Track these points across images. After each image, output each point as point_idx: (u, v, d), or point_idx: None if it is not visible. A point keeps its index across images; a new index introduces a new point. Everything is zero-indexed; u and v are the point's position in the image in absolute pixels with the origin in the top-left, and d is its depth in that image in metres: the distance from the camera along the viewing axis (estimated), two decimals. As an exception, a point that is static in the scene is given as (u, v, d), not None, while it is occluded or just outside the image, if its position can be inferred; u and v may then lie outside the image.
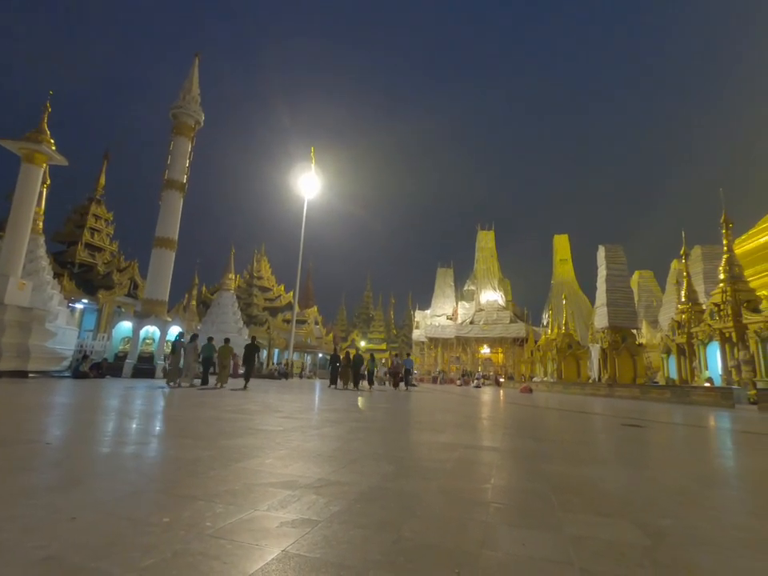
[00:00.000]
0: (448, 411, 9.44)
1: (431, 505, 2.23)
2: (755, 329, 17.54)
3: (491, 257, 60.75)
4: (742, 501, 2.79)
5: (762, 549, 1.82)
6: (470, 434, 5.36)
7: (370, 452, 3.75)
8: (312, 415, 6.76)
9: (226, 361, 13.75)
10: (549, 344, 36.83)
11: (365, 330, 78.93)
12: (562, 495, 2.53)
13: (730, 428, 8.26)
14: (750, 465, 4.40)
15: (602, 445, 5.37)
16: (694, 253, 31.26)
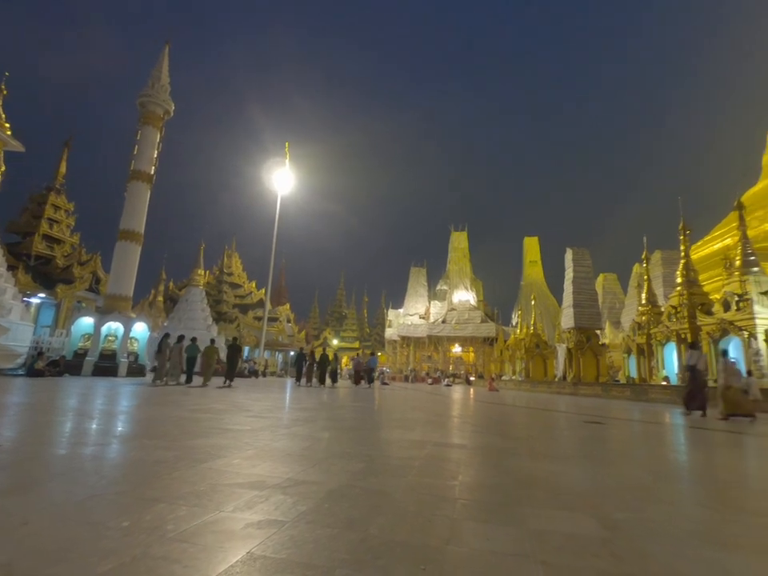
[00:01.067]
0: (418, 409, 9.53)
1: (399, 502, 2.25)
2: (708, 330, 18.55)
3: (464, 257, 61.67)
4: (692, 493, 2.95)
5: (709, 538, 1.93)
6: (439, 432, 5.44)
7: (340, 450, 3.74)
8: (282, 414, 6.67)
9: (211, 360, 14.24)
10: (518, 343, 37.75)
11: (338, 328, 78.60)
12: (526, 490, 2.60)
13: (683, 424, 8.72)
14: (700, 459, 4.66)
15: (565, 441, 5.56)
16: (655, 257, 32.74)
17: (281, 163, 33.36)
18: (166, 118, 20.40)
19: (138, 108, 19.84)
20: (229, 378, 14.49)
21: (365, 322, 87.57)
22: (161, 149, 20.13)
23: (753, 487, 3.33)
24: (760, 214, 38.91)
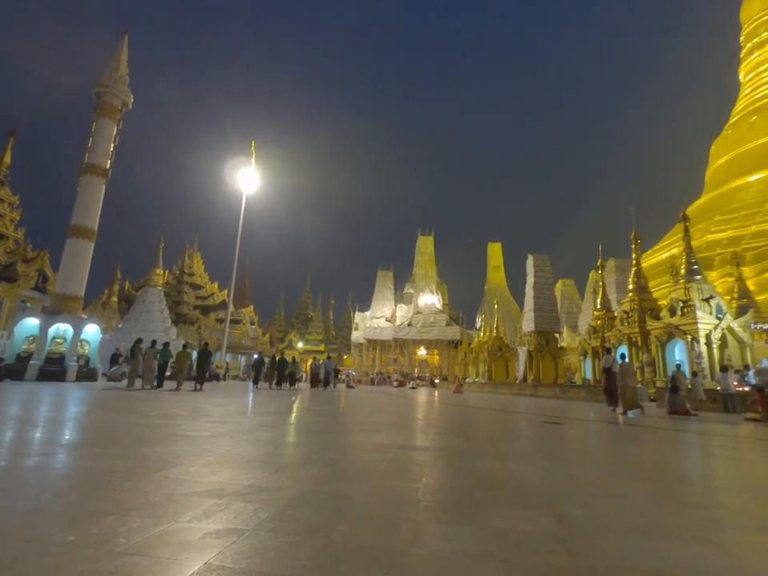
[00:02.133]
0: (384, 412, 9.54)
1: (363, 506, 2.24)
2: (656, 334, 19.70)
3: (430, 261, 62.48)
4: (642, 489, 3.11)
5: (657, 531, 2.04)
6: (404, 434, 5.47)
7: (304, 455, 3.69)
8: (243, 419, 6.50)
9: (184, 365, 14.77)
10: (481, 346, 38.61)
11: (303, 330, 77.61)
12: (487, 491, 2.66)
13: (635, 423, 9.19)
14: (649, 456, 4.93)
15: (525, 441, 5.73)
16: (609, 265, 34.45)
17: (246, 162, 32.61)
18: (124, 110, 19.48)
19: (94, 99, 18.84)
20: (199, 382, 14.80)
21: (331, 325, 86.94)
22: (118, 142, 19.20)
23: (693, 481, 3.55)
24: (703, 226, 41.81)
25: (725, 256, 34.77)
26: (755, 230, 37.36)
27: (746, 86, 53.91)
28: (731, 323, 18.42)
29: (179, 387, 13.80)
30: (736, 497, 2.94)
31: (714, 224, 41.70)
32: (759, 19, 54.36)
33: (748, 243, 36.24)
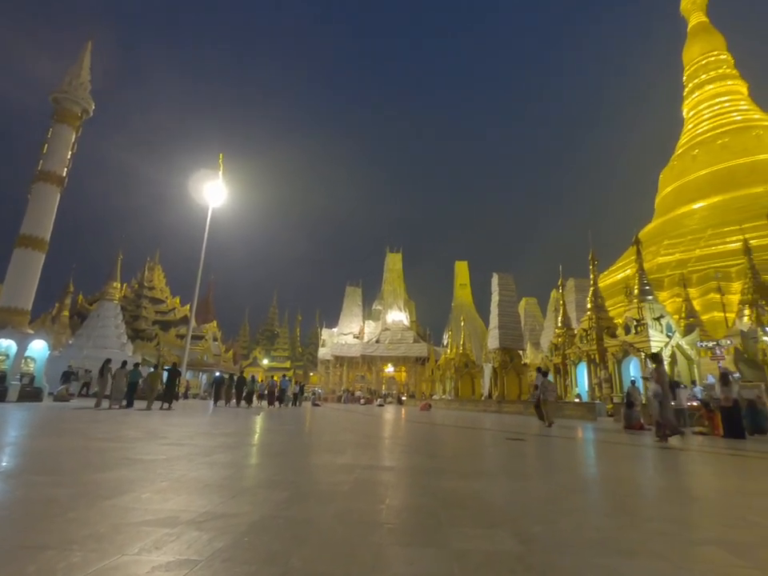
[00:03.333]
0: (349, 431, 9.40)
1: (324, 531, 2.19)
2: (613, 351, 20.58)
3: (398, 278, 62.99)
4: (599, 504, 3.20)
5: (612, 546, 2.10)
6: (369, 454, 5.40)
7: (265, 478, 3.57)
8: (202, 441, 6.22)
9: (154, 385, 15.15)
10: (448, 363, 38.98)
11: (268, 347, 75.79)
12: (450, 510, 2.66)
13: (592, 438, 9.50)
14: (606, 470, 5.09)
15: (489, 458, 5.79)
16: (569, 284, 35.88)
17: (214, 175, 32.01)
18: (84, 118, 18.80)
19: (52, 104, 18.10)
20: (167, 401, 15.29)
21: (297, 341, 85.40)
22: (76, 150, 18.44)
23: (646, 495, 3.69)
24: (653, 249, 44.49)
25: (673, 278, 37.05)
26: (699, 254, 40.12)
27: (689, 121, 58.62)
28: (680, 341, 19.52)
29: (150, 407, 14.06)
30: (683, 509, 3.08)
31: (664, 247, 44.48)
32: (698, 63, 59.62)
33: (693, 266, 38.82)
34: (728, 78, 57.06)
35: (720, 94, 56.22)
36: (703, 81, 58.17)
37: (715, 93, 56.57)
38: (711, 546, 2.18)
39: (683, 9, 66.47)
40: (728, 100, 55.46)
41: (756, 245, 26.35)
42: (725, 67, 57.81)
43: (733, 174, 47.53)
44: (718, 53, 58.73)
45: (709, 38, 60.35)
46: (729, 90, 56.25)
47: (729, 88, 56.38)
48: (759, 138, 49.36)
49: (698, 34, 61.72)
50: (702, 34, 61.21)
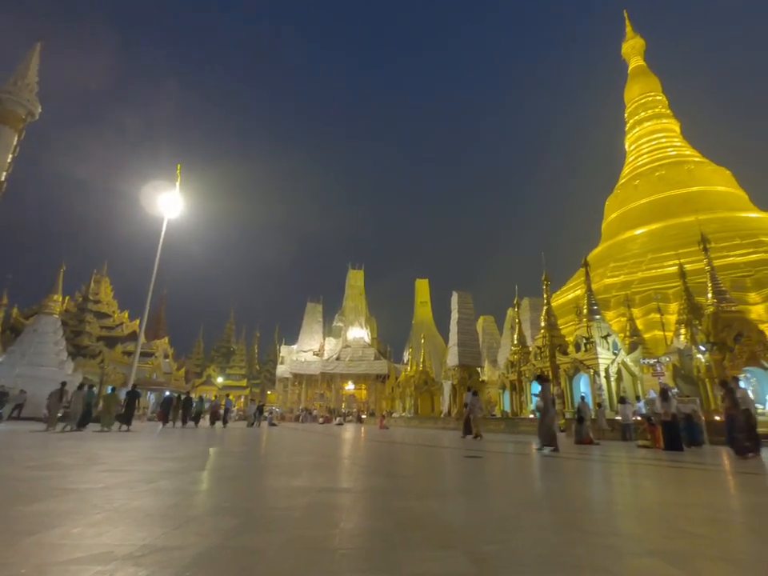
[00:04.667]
0: (306, 452, 9.14)
1: (274, 560, 2.09)
2: (564, 368, 21.44)
3: (360, 295, 62.92)
4: (549, 519, 3.27)
5: (560, 561, 2.15)
6: (326, 476, 5.27)
7: (214, 505, 3.39)
8: (146, 466, 5.83)
9: (112, 407, 15.26)
10: (408, 381, 39.05)
11: (224, 364, 72.91)
12: (405, 532, 2.63)
13: (547, 454, 9.76)
14: (557, 486, 5.24)
15: (446, 477, 5.80)
16: (524, 303, 37.27)
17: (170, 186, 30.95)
18: (29, 120, 17.74)
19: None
20: (126, 422, 15.63)
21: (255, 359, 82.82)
22: (18, 153, 17.30)
23: (594, 509, 3.82)
24: (601, 271, 47.23)
25: (619, 298, 39.37)
26: (641, 277, 43.00)
27: (631, 154, 63.55)
28: (625, 358, 20.66)
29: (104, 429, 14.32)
30: (628, 522, 3.22)
31: (610, 270, 47.33)
32: (638, 102, 65.18)
33: (636, 288, 41.49)
34: (663, 117, 62.66)
35: (657, 131, 61.52)
36: (642, 118, 63.52)
37: (653, 129, 61.84)
38: (652, 557, 2.28)
39: (624, 53, 72.87)
40: (664, 136, 60.75)
41: (690, 269, 28.57)
42: (660, 107, 63.50)
43: (668, 204, 51.72)
44: (654, 93, 64.49)
45: (646, 79, 66.24)
46: (664, 128, 61.68)
47: (664, 126, 61.84)
48: (691, 173, 54.21)
49: (637, 76, 67.66)
50: (640, 76, 67.13)
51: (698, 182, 52.94)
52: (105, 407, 15.37)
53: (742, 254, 39.59)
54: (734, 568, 2.13)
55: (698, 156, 57.77)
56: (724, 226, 44.40)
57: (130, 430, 14.97)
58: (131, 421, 16.15)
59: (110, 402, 15.41)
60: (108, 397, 15.90)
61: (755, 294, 35.34)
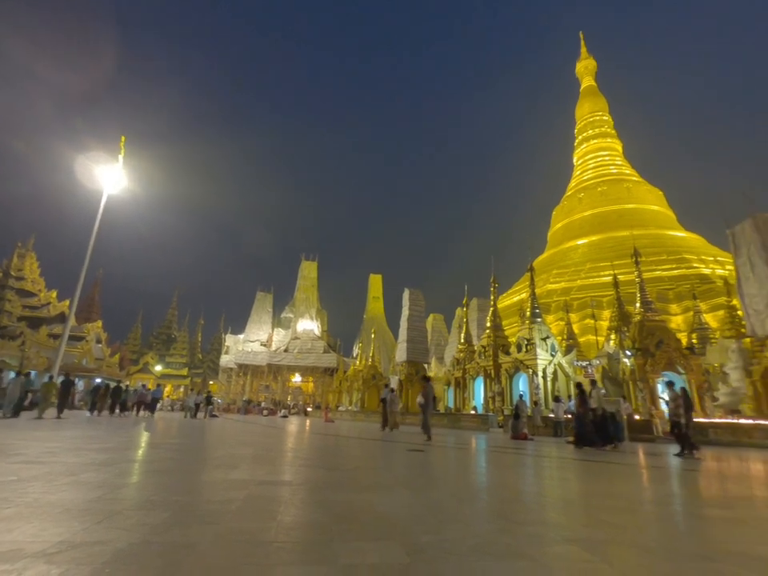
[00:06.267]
0: (247, 444, 8.91)
1: (205, 555, 2.03)
2: (506, 367, 22.45)
3: (312, 287, 62.10)
4: (482, 511, 3.42)
5: (489, 550, 2.26)
6: (266, 469, 5.17)
7: (142, 499, 3.21)
8: (68, 458, 5.42)
9: (49, 395, 15.57)
10: (356, 374, 39.15)
11: (164, 352, 69.27)
12: (342, 524, 2.64)
13: (484, 448, 10.19)
14: (492, 478, 5.49)
15: (388, 470, 5.89)
16: (473, 303, 38.50)
17: (112, 159, 28.68)
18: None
19: None
20: (59, 410, 15.87)
21: (198, 347, 79.44)
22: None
23: (523, 500, 4.04)
24: (544, 277, 49.81)
25: (559, 303, 41.79)
26: (580, 284, 45.88)
27: (578, 168, 67.41)
28: (561, 360, 21.98)
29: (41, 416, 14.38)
30: (552, 512, 3.43)
31: (553, 276, 50.07)
32: (587, 120, 69.18)
33: (575, 294, 44.22)
34: (608, 136, 67.05)
35: (602, 149, 65.71)
36: (590, 135, 67.59)
37: (598, 147, 65.99)
38: (571, 544, 2.45)
39: (578, 71, 77.12)
40: (608, 154, 65.03)
41: (623, 279, 30.90)
42: (606, 127, 67.88)
43: (608, 218, 55.54)
44: (602, 113, 68.81)
45: (596, 99, 70.52)
46: (609, 146, 66.03)
47: (609, 144, 66.19)
48: (629, 191, 58.48)
49: (587, 95, 71.84)
50: (590, 96, 71.35)
51: (634, 200, 57.23)
52: (43, 395, 15.55)
53: (667, 268, 43.37)
54: (642, 553, 2.34)
55: (635, 176, 62.40)
56: (654, 242, 48.38)
57: (61, 418, 14.86)
58: (64, 409, 16.37)
59: (48, 389, 15.57)
60: (47, 385, 15.87)
61: (676, 305, 38.89)
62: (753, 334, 18.30)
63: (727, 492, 5.11)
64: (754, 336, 18.30)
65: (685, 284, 39.67)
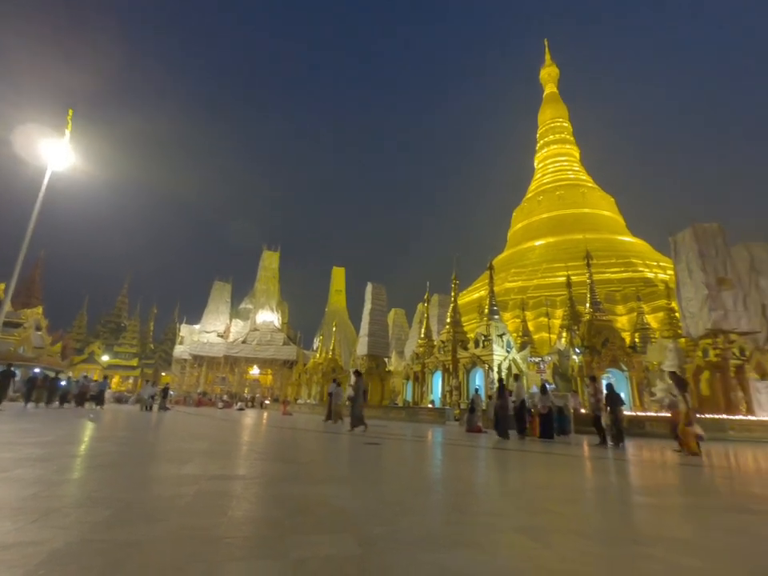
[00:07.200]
0: (201, 438, 8.65)
1: (150, 553, 1.95)
2: (464, 362, 23.03)
3: (273, 278, 60.84)
4: (434, 503, 3.51)
5: (441, 541, 2.32)
6: (219, 463, 5.04)
7: (83, 496, 3.05)
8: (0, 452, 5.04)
9: None
10: (316, 367, 38.87)
11: (112, 341, 65.66)
12: (296, 518, 2.63)
13: (441, 441, 10.44)
14: (445, 471, 5.63)
15: (343, 463, 5.91)
16: (434, 299, 39.14)
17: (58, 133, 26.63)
18: None
19: None
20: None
21: (150, 337, 75.86)
22: None
23: (475, 491, 4.19)
24: (503, 275, 51.37)
25: (516, 301, 43.27)
26: (536, 284, 47.71)
27: (538, 171, 69.81)
28: (516, 356, 22.82)
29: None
30: (501, 502, 3.58)
31: (511, 275, 51.74)
32: (548, 125, 71.68)
33: (531, 293, 45.95)
34: (567, 143, 69.83)
35: (561, 154, 68.36)
36: (550, 140, 70.13)
37: (558, 152, 68.59)
38: (516, 532, 2.57)
39: (541, 78, 79.65)
40: (566, 160, 67.75)
41: (575, 280, 32.44)
42: (566, 133, 70.65)
43: (564, 221, 58.00)
44: (562, 120, 71.50)
45: (557, 106, 73.15)
46: (567, 152, 68.79)
47: (567, 150, 68.96)
48: (584, 196, 61.29)
49: (550, 102, 74.39)
50: (552, 102, 73.93)
51: (588, 205, 60.07)
52: None
53: (615, 271, 45.92)
54: (580, 539, 2.49)
55: (590, 182, 65.47)
56: (605, 245, 51.05)
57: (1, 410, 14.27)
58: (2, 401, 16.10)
59: None
60: None
61: (622, 306, 41.30)
62: (688, 334, 19.80)
63: (655, 480, 5.52)
64: (689, 336, 19.81)
65: (631, 287, 42.19)
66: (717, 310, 18.16)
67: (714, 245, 19.42)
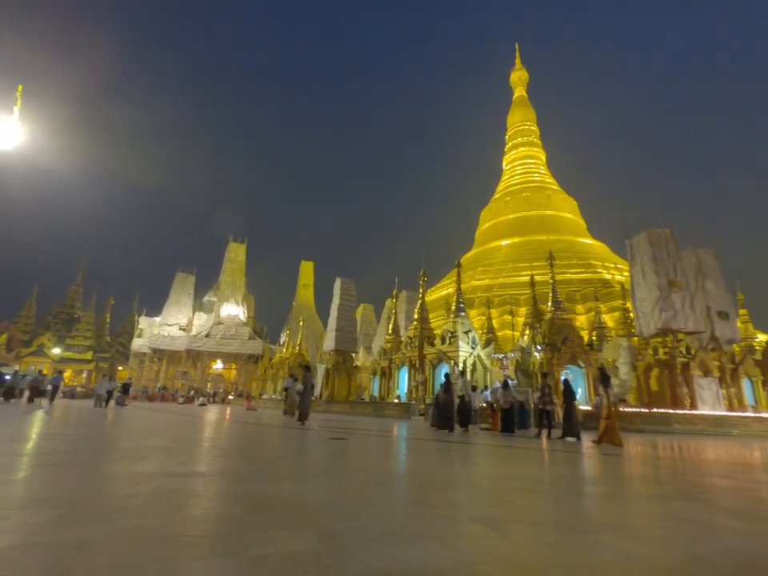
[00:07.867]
0: (159, 434, 8.36)
1: (100, 554, 1.88)
2: (430, 358, 23.35)
3: (239, 270, 59.37)
4: (396, 497, 3.56)
5: (401, 534, 2.35)
6: (178, 460, 4.89)
7: (27, 496, 2.89)
8: (-65, 452, 4.69)
9: None
10: (282, 362, 38.34)
11: (64, 333, 62.19)
12: (256, 515, 2.60)
13: (406, 436, 10.57)
14: (408, 465, 5.71)
15: (308, 459, 5.88)
16: (402, 295, 39.37)
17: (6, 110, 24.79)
18: None
19: None
20: None
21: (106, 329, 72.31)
22: None
23: (436, 484, 4.27)
24: (470, 273, 52.34)
25: (482, 299, 44.21)
26: (501, 282, 48.95)
27: (506, 173, 71.42)
28: (480, 352, 23.36)
29: None
30: (461, 494, 3.67)
31: (478, 273, 52.81)
32: (517, 128, 73.40)
33: (496, 291, 47.10)
34: (534, 146, 71.81)
35: (528, 157, 70.22)
36: (518, 143, 71.88)
37: (525, 155, 70.42)
38: (475, 523, 2.64)
39: (512, 81, 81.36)
40: (534, 163, 69.68)
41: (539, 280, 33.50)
42: (533, 137, 72.61)
43: (529, 222, 59.73)
44: (530, 124, 73.40)
45: (526, 110, 75.00)
46: (535, 155, 70.74)
47: (535, 153, 70.91)
48: (549, 198, 63.31)
49: (519, 105, 76.18)
50: (521, 106, 75.74)
51: (552, 207, 62.11)
52: None
53: (576, 272, 47.78)
54: (535, 529, 2.60)
55: (555, 185, 67.67)
56: (567, 247, 52.97)
57: None
58: None
59: None
60: None
61: (581, 306, 43.07)
62: (640, 333, 20.92)
63: (605, 471, 5.83)
64: (642, 335, 20.94)
65: (590, 287, 44.03)
66: (667, 311, 19.27)
67: (666, 249, 20.56)
